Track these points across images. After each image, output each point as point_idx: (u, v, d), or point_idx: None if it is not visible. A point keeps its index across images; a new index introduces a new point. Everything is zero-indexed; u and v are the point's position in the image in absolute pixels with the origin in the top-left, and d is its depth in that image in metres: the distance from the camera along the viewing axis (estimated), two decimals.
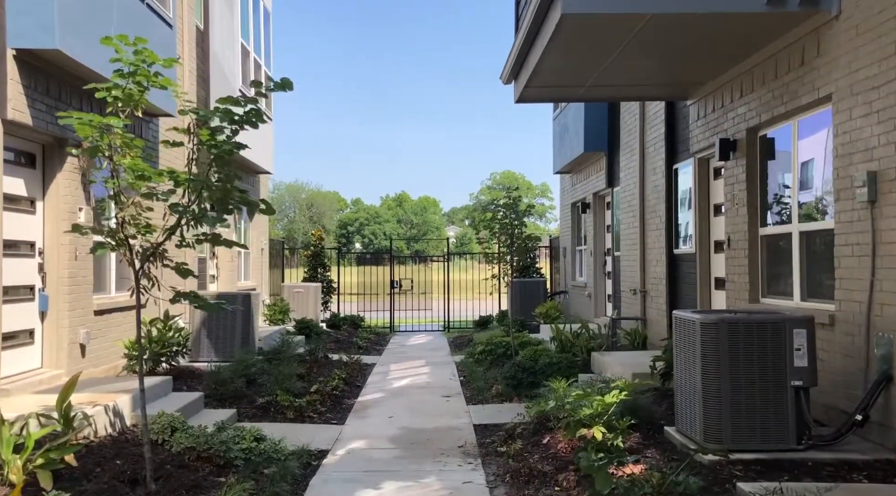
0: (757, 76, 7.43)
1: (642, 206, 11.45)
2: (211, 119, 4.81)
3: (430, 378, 11.45)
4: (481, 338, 16.47)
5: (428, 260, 23.31)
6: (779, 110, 6.97)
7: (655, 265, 10.89)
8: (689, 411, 5.67)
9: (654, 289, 10.95)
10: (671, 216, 10.42)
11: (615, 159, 13.73)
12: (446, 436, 7.54)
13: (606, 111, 14.00)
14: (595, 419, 5.77)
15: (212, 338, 10.41)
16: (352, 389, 10.26)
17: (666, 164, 10.48)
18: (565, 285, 18.12)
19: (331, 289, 19.29)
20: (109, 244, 4.97)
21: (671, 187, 10.42)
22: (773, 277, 7.54)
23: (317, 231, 19.29)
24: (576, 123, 14.71)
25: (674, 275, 10.39)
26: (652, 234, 11.08)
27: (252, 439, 6.26)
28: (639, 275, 11.54)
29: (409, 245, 70.89)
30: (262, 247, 17.25)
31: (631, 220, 12.03)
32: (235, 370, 9.07)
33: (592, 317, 15.00)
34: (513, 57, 8.48)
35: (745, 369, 5.35)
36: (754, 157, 7.75)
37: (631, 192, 12.05)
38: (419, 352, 14.97)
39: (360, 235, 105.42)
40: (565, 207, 18.32)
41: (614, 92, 9.44)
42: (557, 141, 16.91)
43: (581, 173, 16.31)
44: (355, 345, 15.27)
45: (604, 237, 15.11)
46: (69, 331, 8.02)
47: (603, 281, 15.06)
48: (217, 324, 10.44)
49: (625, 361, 8.99)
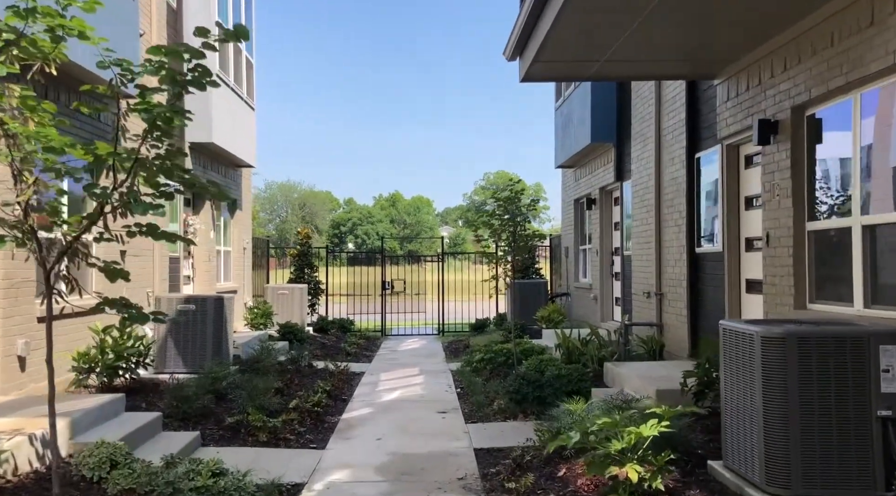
0: (806, 45, 6.36)
1: (658, 200, 10.38)
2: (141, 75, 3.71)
3: (424, 389, 10.36)
4: (478, 343, 15.40)
5: (421, 260, 22.23)
6: (836, 82, 5.90)
7: (674, 266, 9.82)
8: (744, 444, 4.59)
9: (672, 292, 9.88)
10: (692, 211, 9.35)
11: (625, 151, 12.67)
12: (443, 463, 6.46)
13: (615, 99, 12.93)
14: (627, 453, 4.69)
15: (179, 347, 9.29)
16: (336, 404, 9.16)
17: (687, 153, 9.41)
18: (567, 287, 17.04)
19: (318, 291, 18.15)
20: (14, 237, 3.86)
21: (693, 179, 9.35)
22: (825, 279, 6.47)
23: (303, 229, 18.12)
24: (581, 112, 13.63)
25: (696, 276, 9.32)
26: (669, 231, 10.01)
27: (210, 475, 5.16)
28: (654, 277, 10.47)
29: (402, 245, 69.72)
30: (244, 245, 16.12)
31: (644, 217, 10.96)
32: (201, 384, 7.96)
33: (599, 322, 13.93)
34: (519, 27, 7.40)
35: (819, 395, 4.28)
36: (801, 139, 6.68)
37: (644, 185, 10.98)
38: (412, 358, 13.87)
39: (353, 235, 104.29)
40: (567, 204, 17.24)
41: (632, 69, 8.36)
42: (560, 132, 15.82)
43: (586, 167, 15.23)
44: (343, 351, 14.17)
45: (611, 235, 14.03)
46: (4, 342, 6.89)
47: (610, 282, 13.98)
48: (185, 332, 9.31)
49: (644, 374, 7.91)
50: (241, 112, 14.50)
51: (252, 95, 15.42)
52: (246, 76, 14.94)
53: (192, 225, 12.78)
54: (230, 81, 13.61)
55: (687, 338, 9.32)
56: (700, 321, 9.20)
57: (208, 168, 13.52)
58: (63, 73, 7.09)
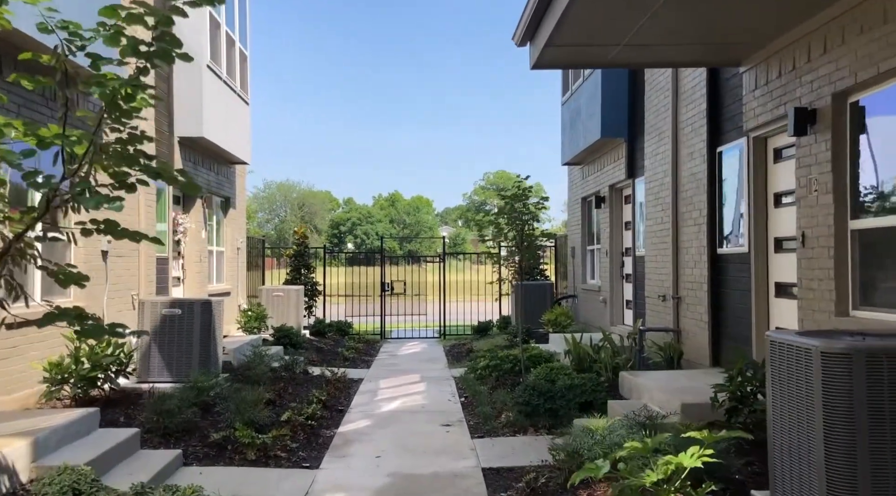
0: (852, 23, 5.75)
1: (675, 198, 9.76)
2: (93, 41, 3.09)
3: (426, 398, 9.75)
4: (482, 347, 14.77)
5: (422, 260, 21.61)
6: (889, 64, 5.29)
7: (693, 267, 9.21)
8: (798, 475, 3.98)
9: (691, 296, 9.27)
10: (714, 209, 8.74)
11: (637, 146, 12.06)
12: (449, 486, 5.85)
13: (627, 92, 12.32)
14: (663, 485, 4.08)
15: (164, 354, 8.66)
16: (332, 415, 8.55)
17: (708, 146, 8.79)
18: (574, 289, 16.41)
19: (315, 293, 17.52)
20: None
21: (714, 175, 8.74)
22: (871, 284, 5.86)
23: (300, 228, 17.47)
24: (590, 106, 13.02)
25: (717, 279, 8.71)
26: (688, 230, 9.40)
27: None
28: (670, 279, 9.86)
29: (401, 245, 69.02)
30: (238, 246, 15.50)
31: (659, 215, 10.35)
32: (185, 396, 7.35)
33: (608, 326, 13.32)
34: (531, 6, 6.78)
35: (892, 420, 3.66)
36: (843, 129, 6.06)
37: (659, 182, 10.37)
38: (413, 363, 13.26)
39: (353, 235, 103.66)
40: (574, 203, 16.61)
41: (651, 55, 7.74)
42: (567, 128, 15.19)
43: (594, 164, 14.61)
44: (341, 355, 13.56)
45: (621, 235, 13.42)
46: None
47: (620, 284, 13.36)
48: (170, 337, 8.69)
49: (666, 385, 7.30)
50: (235, 106, 13.88)
51: (246, 89, 14.80)
52: (240, 69, 14.33)
53: (182, 224, 12.16)
54: (222, 73, 13.00)
55: (708, 346, 8.71)
56: (722, 327, 8.59)
57: (199, 165, 12.91)
58: (5, 42, 6.46)
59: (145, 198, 10.28)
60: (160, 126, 11.22)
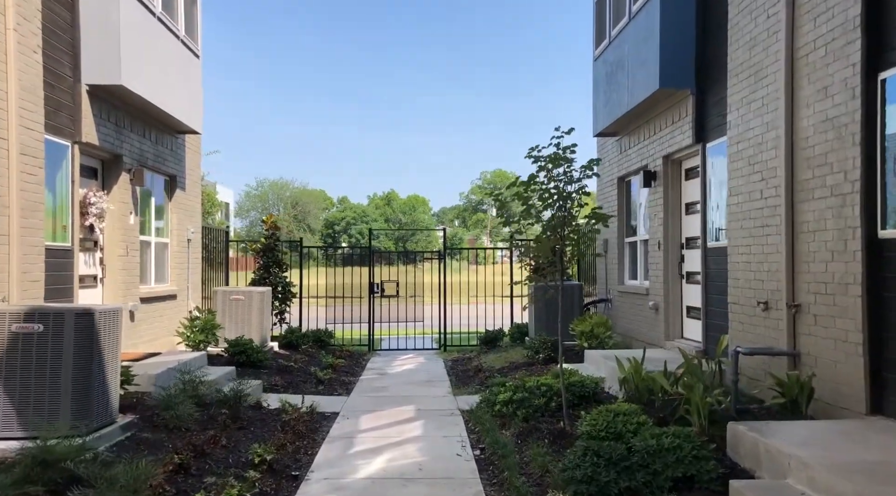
0: None
1: (790, 159, 6.67)
2: None
3: (424, 451, 6.64)
4: (493, 363, 11.67)
5: (418, 258, 18.48)
6: None
7: (829, 260, 6.12)
8: None
9: (826, 303, 6.18)
10: (871, 172, 5.66)
11: (710, 99, 8.97)
12: None
13: (694, 25, 9.22)
14: None
15: (13, 396, 5.53)
16: (277, 491, 5.43)
17: (864, 73, 5.71)
18: (607, 291, 13.28)
19: (288, 295, 14.37)
20: None
21: (872, 119, 5.65)
22: None
23: (269, 217, 14.32)
24: (642, 51, 9.89)
25: (878, 277, 5.62)
26: (817, 205, 6.31)
27: None
28: (781, 278, 6.77)
29: (397, 244, 65.86)
30: (188, 237, 12.36)
31: (757, 188, 7.27)
32: (19, 477, 4.23)
33: (661, 340, 10.23)
34: None
35: None
36: None
37: (757, 141, 7.28)
38: (406, 387, 10.15)
39: (347, 235, 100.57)
40: (607, 185, 13.44)
41: None
42: (602, 87, 12.03)
43: (639, 132, 11.46)
44: (314, 376, 10.45)
45: (680, 221, 10.30)
46: None
47: (678, 286, 10.24)
48: (24, 368, 5.56)
49: (834, 460, 4.20)
50: (178, 56, 10.76)
51: (195, 37, 11.66)
52: (184, 10, 11.20)
53: (97, 204, 9.02)
54: (156, 8, 9.87)
55: (863, 381, 5.61)
56: (888, 352, 5.51)
57: (126, 127, 9.77)
58: None
59: (18, 158, 7.16)
60: (57, 67, 8.11)
